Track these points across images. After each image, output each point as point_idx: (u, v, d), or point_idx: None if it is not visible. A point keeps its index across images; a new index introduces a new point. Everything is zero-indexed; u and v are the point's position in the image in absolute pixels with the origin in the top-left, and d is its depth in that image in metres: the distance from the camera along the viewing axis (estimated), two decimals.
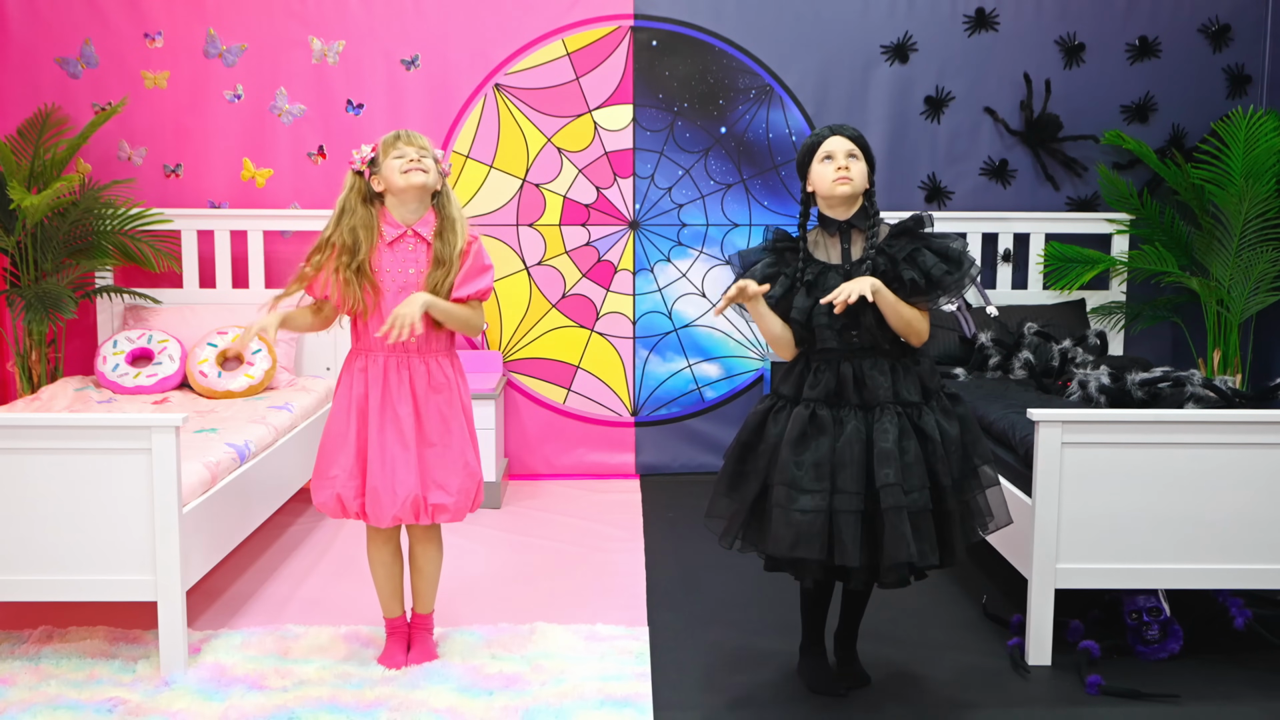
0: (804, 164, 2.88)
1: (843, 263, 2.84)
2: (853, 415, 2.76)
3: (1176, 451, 3.11)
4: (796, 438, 2.74)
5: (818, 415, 2.76)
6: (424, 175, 2.99)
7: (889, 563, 2.69)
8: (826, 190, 2.82)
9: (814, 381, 2.80)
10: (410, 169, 2.98)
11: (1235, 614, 3.30)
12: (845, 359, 2.80)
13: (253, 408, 4.21)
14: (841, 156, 2.81)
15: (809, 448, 2.73)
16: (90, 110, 4.90)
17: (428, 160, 3.01)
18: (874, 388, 2.77)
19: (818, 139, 2.86)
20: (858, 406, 2.77)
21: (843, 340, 2.79)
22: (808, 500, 2.69)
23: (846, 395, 2.78)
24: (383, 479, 3.00)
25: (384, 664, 3.15)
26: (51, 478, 3.01)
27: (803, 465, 2.72)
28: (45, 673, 3.08)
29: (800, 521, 2.69)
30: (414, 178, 2.98)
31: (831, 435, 2.74)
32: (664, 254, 5.19)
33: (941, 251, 2.79)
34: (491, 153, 5.09)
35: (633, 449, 5.27)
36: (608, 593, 3.74)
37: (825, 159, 2.82)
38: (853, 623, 3.07)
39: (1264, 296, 4.83)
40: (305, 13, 4.96)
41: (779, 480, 2.74)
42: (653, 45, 5.07)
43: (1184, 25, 5.14)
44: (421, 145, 3.02)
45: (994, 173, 5.19)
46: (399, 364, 3.02)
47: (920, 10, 5.09)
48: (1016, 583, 3.61)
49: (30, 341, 4.67)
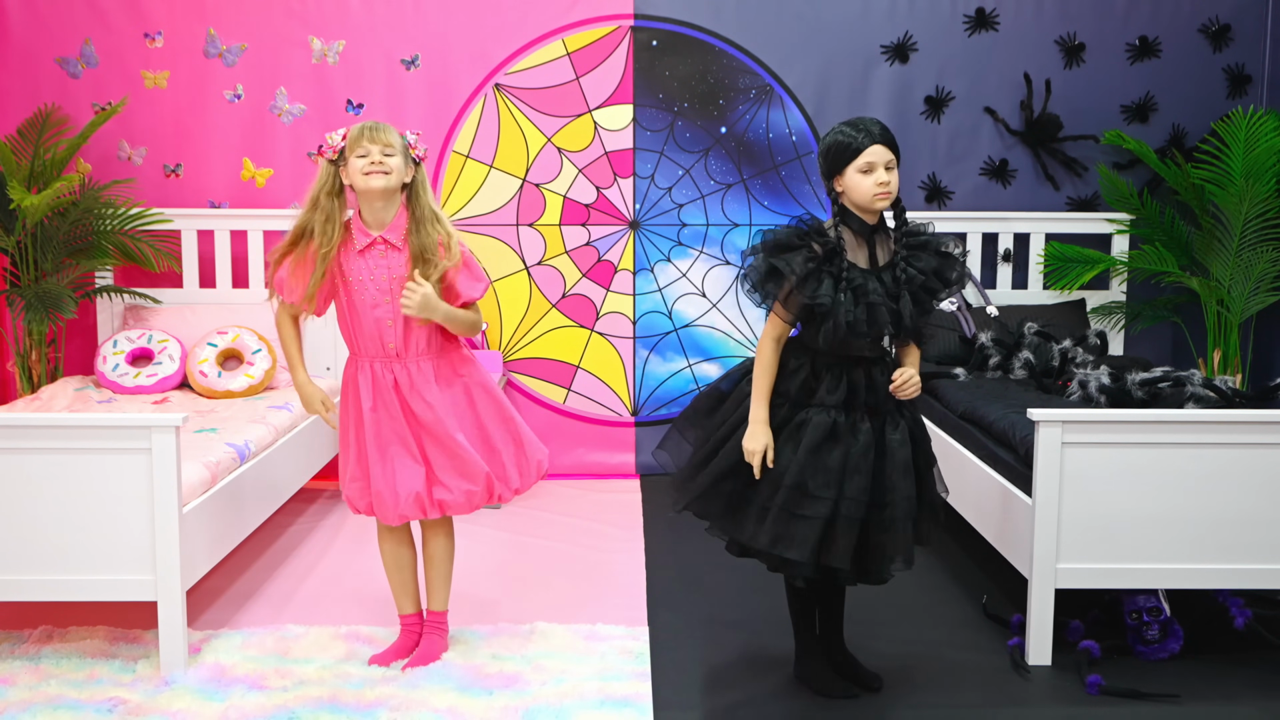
0: (837, 166, 2.77)
1: (870, 268, 2.79)
2: (864, 420, 2.79)
3: (1176, 451, 3.11)
4: (816, 445, 2.75)
5: (837, 424, 2.78)
6: (385, 178, 2.92)
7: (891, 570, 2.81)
8: (865, 203, 2.76)
9: (831, 387, 2.80)
10: (371, 171, 2.91)
11: (1235, 614, 3.30)
12: (856, 366, 2.82)
13: (253, 408, 4.21)
14: (882, 170, 2.74)
15: (825, 454, 2.75)
16: (90, 110, 4.90)
17: (392, 159, 2.92)
18: (881, 394, 2.81)
19: (856, 145, 2.74)
20: (866, 412, 2.81)
21: (874, 349, 2.83)
22: (811, 506, 2.72)
23: (858, 401, 2.81)
24: (384, 480, 3.01)
25: (374, 660, 3.15)
26: (51, 478, 3.01)
27: (816, 471, 2.74)
28: (45, 673, 3.08)
29: (799, 526, 2.73)
30: (374, 181, 2.91)
31: (845, 444, 2.77)
32: (664, 254, 5.19)
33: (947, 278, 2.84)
34: (491, 153, 5.09)
35: (633, 449, 5.27)
36: (608, 593, 3.73)
37: (865, 169, 2.74)
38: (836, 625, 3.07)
39: (1264, 296, 4.83)
40: (305, 13, 4.96)
41: (787, 483, 2.75)
42: (653, 45, 5.07)
43: (1184, 25, 5.13)
44: (386, 142, 2.92)
45: (994, 173, 5.19)
46: (384, 368, 3.02)
47: (920, 10, 5.09)
48: (1016, 583, 3.61)
49: (30, 341, 4.67)
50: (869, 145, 2.74)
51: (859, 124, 2.77)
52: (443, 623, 3.23)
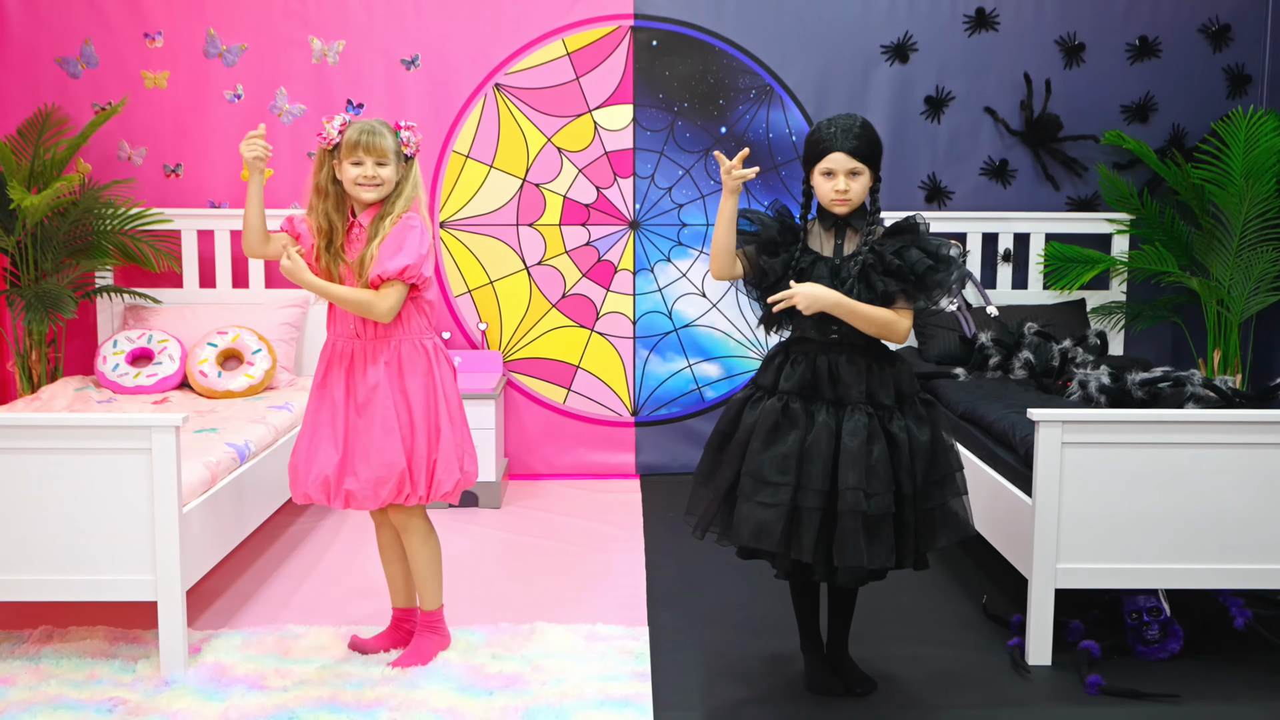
0: (808, 162, 2.85)
1: (834, 256, 2.84)
2: (824, 410, 2.76)
3: (1176, 451, 3.11)
4: (768, 430, 2.75)
5: (790, 408, 2.77)
6: (376, 190, 2.98)
7: (840, 564, 2.72)
8: (824, 203, 2.84)
9: (789, 374, 2.81)
10: (364, 184, 2.97)
11: (1235, 614, 3.30)
12: (822, 352, 2.81)
13: (253, 408, 4.21)
14: (842, 178, 2.78)
15: (778, 440, 2.74)
16: (90, 110, 4.90)
17: (385, 170, 2.98)
18: (847, 384, 2.78)
19: (823, 148, 2.79)
20: (830, 402, 2.78)
21: (820, 332, 2.81)
22: (769, 494, 2.71)
23: (820, 389, 2.79)
24: (303, 456, 3.06)
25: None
26: (51, 478, 3.01)
27: (770, 458, 2.73)
28: (45, 673, 3.08)
29: (760, 513, 2.71)
30: (365, 194, 2.99)
31: (802, 429, 2.75)
32: (664, 254, 5.19)
33: (931, 251, 2.78)
34: (491, 152, 5.09)
35: (633, 449, 5.27)
36: (608, 593, 3.73)
37: (826, 173, 2.80)
38: (842, 627, 3.06)
39: (1264, 296, 4.83)
40: (305, 13, 4.96)
41: (746, 470, 2.76)
42: (653, 45, 5.07)
43: (1184, 25, 5.14)
44: (381, 151, 2.96)
45: (994, 173, 5.19)
46: (345, 345, 3.05)
47: (920, 10, 5.09)
48: (1016, 583, 3.61)
49: (30, 341, 4.67)
50: (831, 150, 2.77)
51: (838, 123, 2.79)
52: (435, 622, 3.21)
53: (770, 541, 2.71)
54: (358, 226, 3.03)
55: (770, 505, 2.71)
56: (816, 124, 2.85)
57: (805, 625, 3.05)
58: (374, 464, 2.99)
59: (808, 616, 3.04)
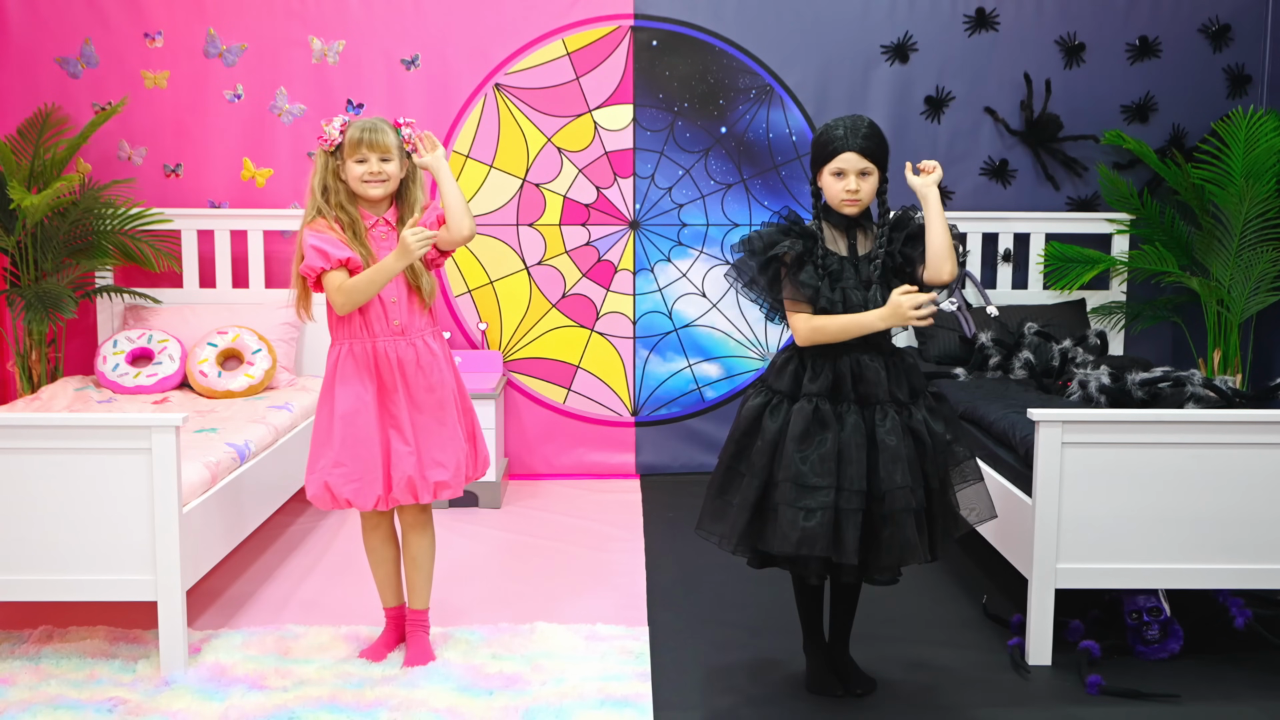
0: (816, 162, 2.84)
1: (850, 256, 2.83)
2: (852, 411, 2.76)
3: (1176, 451, 3.11)
4: (801, 433, 2.72)
5: (820, 410, 2.75)
6: (382, 186, 2.99)
7: (894, 564, 2.73)
8: (834, 204, 2.83)
9: (813, 376, 2.79)
10: (370, 180, 2.98)
11: (1235, 614, 3.30)
12: (843, 354, 2.80)
13: (253, 408, 4.21)
14: (852, 178, 2.78)
15: (814, 443, 2.72)
16: (90, 110, 4.90)
17: (390, 165, 2.98)
18: (871, 383, 2.77)
19: (832, 148, 2.78)
20: (854, 402, 2.77)
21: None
22: (816, 497, 2.68)
23: (844, 390, 2.78)
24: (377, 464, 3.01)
25: (364, 655, 3.16)
26: (51, 478, 3.01)
27: (808, 460, 2.70)
28: (45, 673, 3.08)
29: (807, 519, 2.67)
30: (372, 190, 2.99)
31: (834, 430, 2.73)
32: (664, 254, 5.19)
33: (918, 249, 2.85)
34: (491, 152, 5.09)
35: (633, 449, 5.27)
36: (608, 593, 3.73)
37: (837, 174, 2.79)
38: (844, 627, 3.05)
39: (1264, 296, 4.83)
40: (305, 13, 4.96)
41: (784, 477, 2.71)
42: (653, 45, 5.07)
43: (1184, 25, 5.14)
44: (384, 148, 2.97)
45: (994, 173, 5.19)
46: (389, 346, 3.02)
47: (920, 10, 5.09)
48: (1016, 583, 3.61)
49: (30, 341, 4.67)
50: (842, 150, 2.77)
51: (846, 124, 2.80)
52: (426, 620, 3.23)
53: (819, 547, 2.67)
54: (383, 223, 3.04)
55: (817, 510, 2.67)
56: (824, 124, 2.84)
57: (810, 626, 3.05)
58: (451, 450, 3.05)
59: (812, 617, 3.04)
